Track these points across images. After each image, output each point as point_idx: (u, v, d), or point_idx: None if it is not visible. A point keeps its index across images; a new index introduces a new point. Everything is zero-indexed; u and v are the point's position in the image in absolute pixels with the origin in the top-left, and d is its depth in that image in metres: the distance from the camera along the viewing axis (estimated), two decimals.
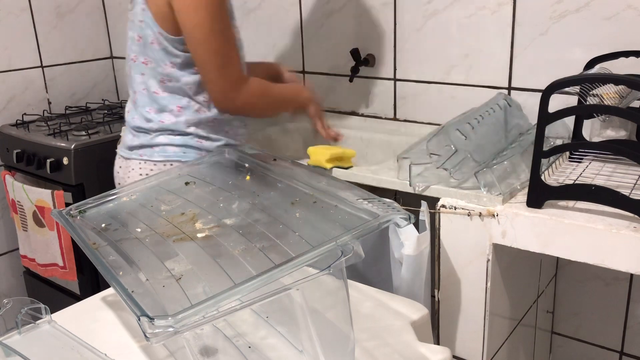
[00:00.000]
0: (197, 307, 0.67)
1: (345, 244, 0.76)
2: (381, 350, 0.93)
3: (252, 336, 0.91)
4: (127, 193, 1.11)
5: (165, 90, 1.43)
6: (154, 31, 1.37)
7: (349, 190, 0.95)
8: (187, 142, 1.45)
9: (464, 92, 1.72)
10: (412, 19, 1.75)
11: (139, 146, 1.48)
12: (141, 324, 0.65)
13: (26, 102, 2.41)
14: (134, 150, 1.49)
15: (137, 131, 1.49)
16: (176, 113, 1.43)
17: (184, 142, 1.45)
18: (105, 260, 0.84)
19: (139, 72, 1.45)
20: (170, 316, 0.65)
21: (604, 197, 1.11)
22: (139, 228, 0.96)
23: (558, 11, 1.51)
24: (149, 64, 1.42)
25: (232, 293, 0.69)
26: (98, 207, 1.06)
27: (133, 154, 1.49)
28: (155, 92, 1.43)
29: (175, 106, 1.43)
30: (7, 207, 2.32)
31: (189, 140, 1.45)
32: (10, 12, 2.32)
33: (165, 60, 1.40)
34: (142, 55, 1.42)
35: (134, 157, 1.48)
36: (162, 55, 1.40)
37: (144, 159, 1.46)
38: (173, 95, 1.43)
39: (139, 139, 1.48)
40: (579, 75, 1.18)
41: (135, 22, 1.42)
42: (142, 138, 1.47)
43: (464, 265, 1.31)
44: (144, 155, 1.46)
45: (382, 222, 0.82)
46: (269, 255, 0.79)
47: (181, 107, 1.43)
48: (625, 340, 1.70)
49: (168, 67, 1.40)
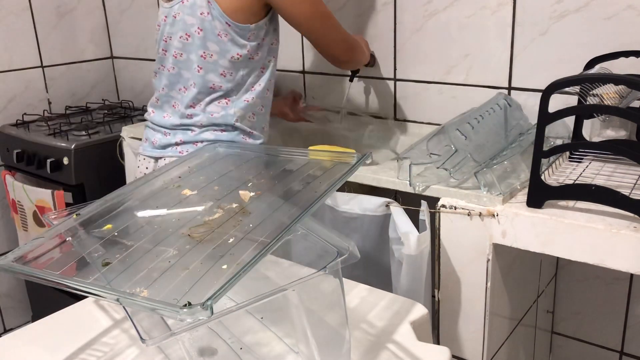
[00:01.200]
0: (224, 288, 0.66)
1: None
2: (381, 350, 0.93)
3: (245, 337, 0.91)
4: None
5: (223, 84, 1.43)
6: (222, 22, 1.37)
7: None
8: (234, 138, 1.45)
9: (464, 92, 1.71)
10: (412, 19, 1.75)
11: (178, 143, 1.46)
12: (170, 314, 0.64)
13: (26, 102, 2.41)
14: (169, 148, 1.47)
15: (174, 129, 1.47)
16: (225, 105, 1.44)
17: (230, 138, 1.45)
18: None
19: (190, 68, 1.43)
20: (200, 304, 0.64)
21: (604, 197, 1.11)
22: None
23: (558, 11, 1.50)
24: (207, 58, 1.40)
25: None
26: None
27: (168, 152, 1.47)
28: (211, 86, 1.43)
29: (225, 99, 1.44)
30: (7, 207, 2.32)
31: (235, 136, 1.45)
32: (10, 12, 2.32)
33: (232, 51, 1.40)
34: (200, 49, 1.40)
35: (170, 155, 1.46)
36: (229, 47, 1.40)
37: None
38: (228, 88, 1.44)
39: (177, 136, 1.46)
40: (579, 75, 1.18)
41: (188, 15, 1.39)
42: (181, 135, 1.46)
43: (464, 265, 1.31)
44: (185, 151, 1.44)
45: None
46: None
47: (230, 100, 1.45)
48: (625, 340, 1.70)
49: (228, 61, 1.41)
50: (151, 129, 1.53)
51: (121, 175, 2.01)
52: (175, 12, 1.42)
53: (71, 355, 0.94)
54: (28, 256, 0.84)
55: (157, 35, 1.49)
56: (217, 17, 1.37)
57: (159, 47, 1.49)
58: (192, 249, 0.80)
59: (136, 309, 0.74)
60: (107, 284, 0.74)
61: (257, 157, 1.20)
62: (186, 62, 1.43)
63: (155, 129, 1.51)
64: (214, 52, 1.40)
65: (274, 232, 0.77)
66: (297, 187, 0.96)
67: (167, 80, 1.48)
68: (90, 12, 2.60)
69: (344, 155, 1.03)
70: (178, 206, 0.96)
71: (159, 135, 1.49)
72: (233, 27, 1.38)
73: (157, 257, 0.79)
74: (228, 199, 0.95)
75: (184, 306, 0.63)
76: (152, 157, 1.50)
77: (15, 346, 0.99)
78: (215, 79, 1.42)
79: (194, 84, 1.43)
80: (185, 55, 1.43)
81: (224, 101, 1.44)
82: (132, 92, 2.70)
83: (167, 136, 1.47)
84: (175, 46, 1.43)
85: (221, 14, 1.36)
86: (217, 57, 1.40)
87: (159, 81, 1.51)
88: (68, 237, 0.90)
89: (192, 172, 1.13)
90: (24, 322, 2.51)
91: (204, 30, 1.38)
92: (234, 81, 1.43)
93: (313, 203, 0.83)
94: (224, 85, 1.43)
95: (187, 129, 1.45)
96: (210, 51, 1.40)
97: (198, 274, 0.72)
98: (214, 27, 1.38)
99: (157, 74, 1.52)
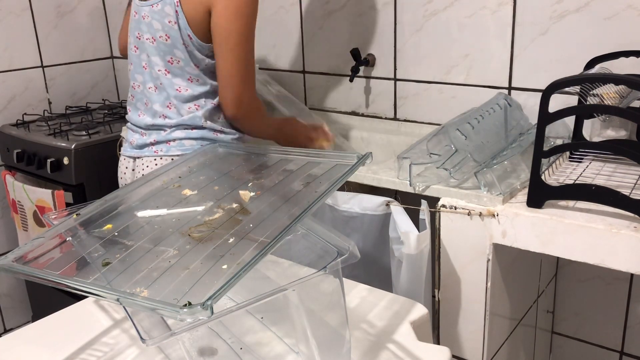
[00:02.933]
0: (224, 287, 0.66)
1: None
2: (381, 350, 0.93)
3: (246, 337, 0.91)
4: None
5: (190, 88, 1.45)
6: (185, 34, 1.40)
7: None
8: (204, 135, 1.47)
9: (464, 92, 1.71)
10: (412, 19, 1.75)
11: (152, 143, 1.49)
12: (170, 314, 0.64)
13: (26, 102, 2.41)
14: (145, 148, 1.51)
15: (148, 129, 1.51)
16: (194, 110, 1.47)
17: (200, 135, 1.47)
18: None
19: (157, 70, 1.46)
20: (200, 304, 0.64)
21: (604, 197, 1.11)
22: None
23: (558, 11, 1.50)
24: (174, 63, 1.44)
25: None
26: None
27: (145, 152, 1.50)
28: (178, 89, 1.45)
29: (194, 103, 1.46)
30: (7, 207, 2.32)
31: (205, 134, 1.47)
32: (10, 12, 2.32)
33: (190, 63, 1.43)
34: (167, 55, 1.43)
35: (147, 155, 1.50)
36: (188, 58, 1.43)
37: (159, 155, 1.48)
38: (195, 93, 1.46)
39: (152, 137, 1.50)
40: (579, 75, 1.18)
41: (156, 21, 1.41)
42: (155, 135, 1.49)
43: (464, 265, 1.31)
44: (160, 151, 1.49)
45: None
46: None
47: (199, 105, 1.47)
48: (626, 340, 1.70)
49: (195, 69, 1.44)
50: (130, 129, 1.57)
51: None
52: (145, 13, 1.44)
53: (71, 355, 0.94)
54: (28, 256, 0.84)
55: (129, 27, 1.52)
56: (183, 28, 1.40)
57: (131, 44, 1.51)
58: (192, 249, 0.80)
59: (136, 309, 0.74)
60: (107, 284, 0.74)
61: (258, 157, 1.20)
62: (155, 64, 1.46)
63: (133, 129, 1.55)
64: (180, 58, 1.43)
65: (274, 232, 0.77)
66: (297, 187, 0.96)
67: (142, 77, 1.51)
68: (90, 12, 2.60)
69: (344, 156, 1.03)
70: (178, 206, 0.96)
71: (137, 135, 1.53)
72: (194, 41, 1.41)
73: (157, 257, 0.79)
74: (228, 198, 0.95)
75: (184, 306, 0.63)
76: (131, 157, 1.54)
77: (15, 346, 0.99)
78: (182, 83, 1.46)
79: (162, 84, 1.46)
80: (153, 57, 1.45)
81: (193, 106, 1.47)
82: None
83: (143, 136, 1.52)
84: (145, 46, 1.46)
85: (186, 26, 1.39)
86: (183, 63, 1.44)
87: (132, 76, 1.54)
88: (68, 237, 0.90)
89: (192, 172, 1.13)
90: (24, 322, 2.51)
91: (170, 37, 1.41)
92: (201, 87, 1.46)
93: (313, 203, 0.83)
94: (190, 89, 1.46)
95: (159, 129, 1.49)
96: (176, 57, 1.43)
97: (198, 274, 0.72)
98: (180, 36, 1.41)
99: (130, 70, 1.54)
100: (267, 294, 0.72)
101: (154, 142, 1.49)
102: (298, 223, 0.79)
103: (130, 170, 1.54)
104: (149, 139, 1.50)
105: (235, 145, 1.38)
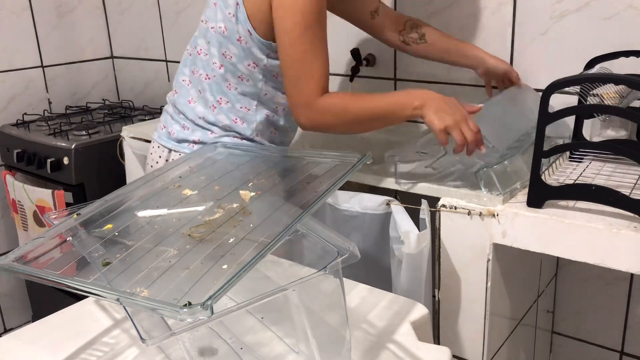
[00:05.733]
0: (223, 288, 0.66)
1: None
2: (381, 350, 0.93)
3: (246, 337, 0.91)
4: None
5: (239, 88, 1.36)
6: (245, 29, 1.29)
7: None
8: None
9: (464, 92, 1.71)
10: None
11: (195, 142, 1.39)
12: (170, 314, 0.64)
13: (26, 101, 2.41)
14: (185, 143, 1.40)
15: (192, 122, 1.40)
16: (245, 112, 1.37)
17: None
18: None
19: (212, 61, 1.36)
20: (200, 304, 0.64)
21: (604, 197, 1.11)
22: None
23: (558, 11, 1.50)
24: (227, 58, 1.33)
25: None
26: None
27: (185, 148, 1.40)
28: (228, 86, 1.36)
29: (245, 107, 1.37)
30: (7, 207, 2.32)
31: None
32: (10, 12, 2.32)
33: (244, 61, 1.33)
34: (221, 47, 1.33)
35: (186, 152, 1.39)
36: (244, 54, 1.32)
37: None
38: (245, 97, 1.37)
39: (195, 134, 1.39)
40: (579, 75, 1.18)
41: (220, 10, 1.32)
42: (200, 134, 1.39)
43: (464, 265, 1.31)
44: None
45: None
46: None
47: (249, 109, 1.37)
48: (626, 340, 1.70)
49: (248, 68, 1.34)
50: (170, 116, 1.46)
51: (121, 175, 2.01)
52: (211, 4, 1.36)
53: (71, 355, 0.94)
54: (28, 256, 0.84)
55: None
56: (241, 22, 1.29)
57: (199, 28, 1.41)
58: (192, 248, 0.80)
59: (136, 308, 0.74)
60: (107, 283, 0.74)
61: (258, 157, 1.20)
62: (211, 54, 1.37)
63: (174, 117, 1.44)
64: (233, 54, 1.33)
65: (275, 232, 0.77)
66: (297, 187, 0.96)
67: (197, 63, 1.40)
68: (90, 12, 2.60)
69: (344, 156, 1.03)
70: (178, 206, 0.96)
71: (177, 127, 1.42)
72: (254, 37, 1.30)
73: (158, 257, 0.79)
74: (228, 198, 0.95)
75: (184, 306, 0.63)
76: (166, 147, 1.43)
77: (15, 346, 0.99)
78: (233, 80, 1.35)
79: (215, 76, 1.37)
80: (210, 47, 1.36)
81: (244, 109, 1.37)
82: (132, 92, 2.70)
83: (185, 130, 1.41)
84: (208, 33, 1.37)
85: (246, 20, 1.29)
86: (236, 60, 1.33)
87: (189, 62, 1.43)
88: (68, 237, 0.90)
89: (193, 172, 1.13)
90: (24, 322, 2.51)
91: (228, 30, 1.32)
92: (253, 88, 1.36)
93: (313, 203, 0.83)
94: (240, 88, 1.36)
95: (207, 129, 1.39)
96: (230, 52, 1.33)
97: (198, 273, 0.72)
98: (237, 30, 1.30)
99: (190, 54, 1.43)
100: (267, 294, 0.72)
101: (197, 141, 1.39)
102: (298, 223, 0.79)
103: (164, 161, 1.42)
104: (191, 136, 1.39)
105: (235, 145, 1.37)
